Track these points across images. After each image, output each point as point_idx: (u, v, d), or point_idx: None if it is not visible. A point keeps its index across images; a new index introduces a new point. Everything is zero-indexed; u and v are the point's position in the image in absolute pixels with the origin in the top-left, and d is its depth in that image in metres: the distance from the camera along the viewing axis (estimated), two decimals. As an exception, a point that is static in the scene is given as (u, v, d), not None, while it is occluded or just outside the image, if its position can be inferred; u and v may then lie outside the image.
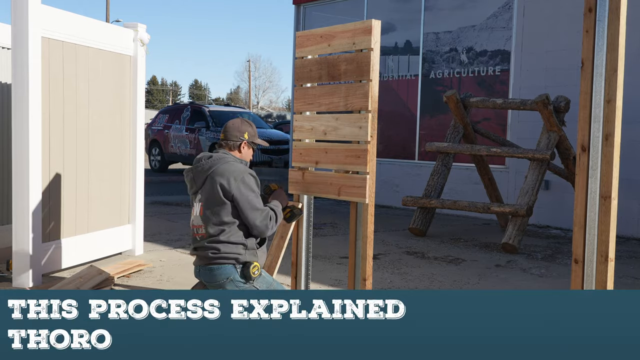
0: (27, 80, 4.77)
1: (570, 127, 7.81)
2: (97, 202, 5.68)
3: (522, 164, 8.80)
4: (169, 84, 78.74)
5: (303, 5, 12.09)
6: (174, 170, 17.95)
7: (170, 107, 19.14)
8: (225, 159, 3.80)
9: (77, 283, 4.77)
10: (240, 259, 3.71)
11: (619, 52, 2.67)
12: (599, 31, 2.71)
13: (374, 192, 3.81)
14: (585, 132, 2.73)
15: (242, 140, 3.91)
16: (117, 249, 6.02)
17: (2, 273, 5.15)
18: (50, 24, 5.03)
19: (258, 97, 67.30)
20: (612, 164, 2.64)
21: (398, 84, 10.85)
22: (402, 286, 5.19)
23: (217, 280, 3.71)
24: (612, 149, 2.63)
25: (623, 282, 5.46)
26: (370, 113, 3.76)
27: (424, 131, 10.45)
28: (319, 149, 4.13)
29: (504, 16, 9.43)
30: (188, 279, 5.18)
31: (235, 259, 3.70)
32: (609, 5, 2.68)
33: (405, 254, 6.61)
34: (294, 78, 7.37)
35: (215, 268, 3.70)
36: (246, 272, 3.69)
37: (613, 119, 2.65)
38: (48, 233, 5.13)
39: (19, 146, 4.83)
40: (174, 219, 8.57)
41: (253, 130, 3.99)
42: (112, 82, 5.84)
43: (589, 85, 2.73)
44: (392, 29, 10.92)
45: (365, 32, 3.77)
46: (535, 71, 8.96)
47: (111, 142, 5.86)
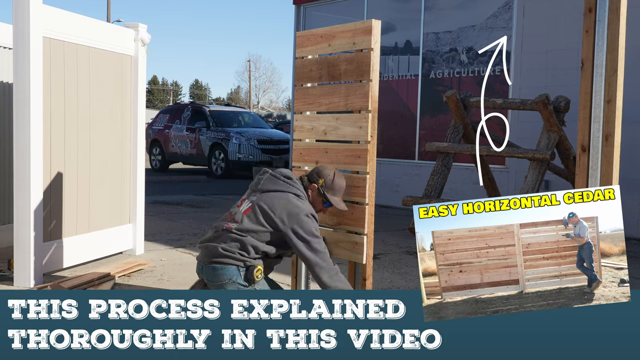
0: (28, 80, 4.78)
1: (570, 127, 7.81)
2: (98, 202, 5.68)
3: (522, 164, 8.80)
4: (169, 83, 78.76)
5: (303, 5, 12.09)
6: (175, 170, 17.96)
7: (170, 107, 19.14)
8: (298, 191, 3.71)
9: (77, 282, 4.78)
10: (247, 263, 3.67)
11: (619, 52, 2.67)
12: (599, 31, 2.71)
13: (374, 192, 3.81)
14: (585, 132, 2.73)
15: (312, 184, 3.78)
16: (118, 249, 6.03)
17: (3, 272, 5.16)
18: (52, 23, 5.03)
19: (258, 97, 67.31)
20: (612, 164, 2.64)
21: (398, 84, 10.86)
22: (403, 286, 5.20)
23: (219, 280, 3.70)
24: (612, 149, 2.63)
25: (623, 282, 5.47)
26: (370, 113, 3.76)
27: (424, 131, 10.45)
28: (319, 149, 4.13)
29: (504, 16, 9.43)
30: (188, 278, 5.18)
31: (242, 261, 3.66)
32: (609, 5, 2.68)
33: (406, 253, 6.62)
34: (294, 78, 7.38)
35: (219, 267, 3.67)
36: (250, 275, 3.66)
37: (613, 119, 2.65)
38: (49, 232, 5.13)
39: (20, 145, 4.83)
40: (174, 219, 8.57)
41: (333, 183, 3.75)
42: (113, 82, 5.85)
43: (589, 85, 2.73)
44: (392, 29, 10.92)
45: (366, 32, 3.77)
46: (535, 71, 8.97)
47: (112, 142, 5.86)
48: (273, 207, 3.63)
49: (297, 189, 3.74)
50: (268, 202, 3.66)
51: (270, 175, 3.79)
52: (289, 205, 3.64)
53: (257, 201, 3.70)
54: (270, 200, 3.67)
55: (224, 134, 15.97)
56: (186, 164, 17.65)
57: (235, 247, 3.65)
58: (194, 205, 10.13)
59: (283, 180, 3.75)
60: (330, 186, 3.76)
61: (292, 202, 3.65)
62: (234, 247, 3.65)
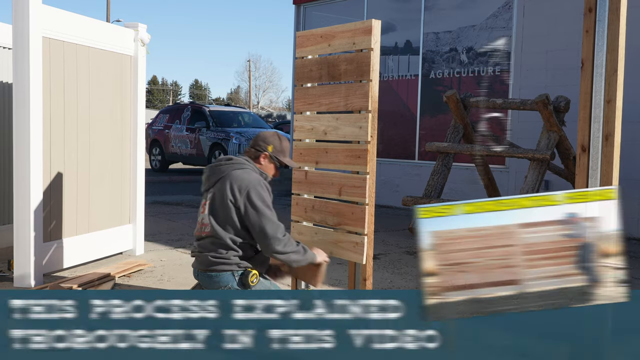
0: (28, 80, 4.78)
1: (570, 127, 7.81)
2: (97, 202, 5.68)
3: (522, 164, 8.81)
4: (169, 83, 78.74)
5: (303, 5, 12.09)
6: (175, 170, 17.95)
7: (170, 107, 19.13)
8: (242, 165, 3.71)
9: (77, 282, 4.78)
10: (240, 265, 3.67)
11: (619, 52, 2.67)
12: (599, 31, 2.71)
13: (374, 192, 3.81)
14: (585, 132, 2.73)
15: (263, 152, 3.80)
16: (118, 249, 6.03)
17: (4, 273, 5.16)
18: (51, 24, 5.03)
19: (258, 97, 67.30)
20: (612, 164, 2.64)
21: (398, 84, 10.85)
22: (403, 286, 5.20)
23: (215, 287, 3.69)
24: (612, 149, 2.63)
25: (623, 282, 5.47)
26: (370, 113, 3.76)
27: (424, 131, 10.45)
28: (319, 149, 4.13)
29: (504, 16, 9.43)
30: (188, 278, 5.18)
31: (236, 264, 3.65)
32: (609, 5, 2.68)
33: (406, 254, 6.62)
34: (294, 78, 7.38)
35: (214, 275, 3.67)
36: (245, 280, 3.65)
37: (613, 119, 2.65)
38: (49, 233, 5.13)
39: (20, 146, 4.83)
40: (174, 219, 8.57)
41: (281, 146, 3.82)
42: (112, 82, 5.85)
43: (589, 85, 2.73)
44: (392, 29, 10.92)
45: (365, 32, 3.77)
46: (535, 71, 8.97)
47: (112, 142, 5.86)
48: (225, 190, 3.62)
49: (239, 163, 3.72)
50: (221, 188, 3.64)
51: (211, 168, 3.76)
52: (236, 180, 3.61)
53: (212, 195, 3.69)
54: (221, 185, 3.65)
55: (223, 134, 15.97)
56: (186, 164, 17.64)
57: (222, 250, 3.64)
58: (194, 205, 10.13)
59: (223, 163, 3.73)
60: (280, 149, 3.80)
61: (238, 176, 3.63)
62: (221, 251, 3.63)
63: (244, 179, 3.63)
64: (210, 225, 3.66)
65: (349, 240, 3.90)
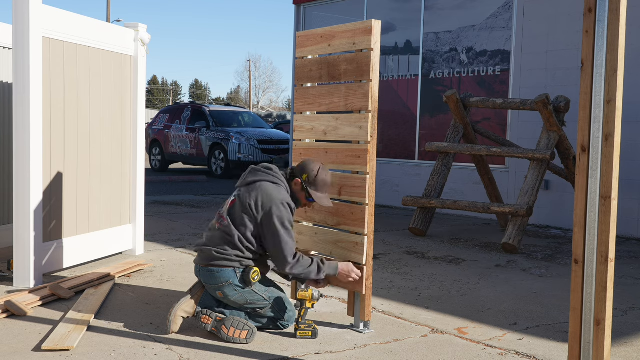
0: (28, 80, 4.78)
1: (570, 127, 7.82)
2: (97, 202, 5.68)
3: (522, 164, 8.81)
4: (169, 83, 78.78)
5: (303, 5, 12.09)
6: (175, 170, 17.95)
7: (170, 107, 19.14)
8: (277, 179, 3.76)
9: (77, 282, 4.78)
10: (243, 263, 3.70)
11: (619, 52, 2.66)
12: (599, 31, 2.71)
13: (374, 192, 3.82)
14: (585, 132, 2.73)
15: (296, 178, 3.82)
16: (118, 249, 6.03)
17: (3, 273, 5.16)
18: (51, 23, 5.03)
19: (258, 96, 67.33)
20: (612, 164, 2.63)
21: (398, 84, 10.86)
22: (403, 286, 5.20)
23: (216, 282, 3.71)
24: (612, 149, 2.63)
25: (623, 282, 5.46)
26: (370, 113, 3.76)
27: (424, 131, 10.45)
28: (319, 149, 4.13)
29: (504, 16, 9.43)
30: (188, 279, 5.18)
31: (239, 261, 3.69)
32: (609, 6, 2.68)
33: (406, 254, 6.62)
34: (294, 78, 7.38)
35: (215, 270, 3.69)
36: (246, 277, 3.67)
37: (613, 119, 2.65)
38: (49, 232, 5.13)
39: (20, 145, 4.83)
40: (174, 219, 8.57)
41: (316, 179, 3.76)
42: (112, 82, 5.85)
43: (589, 86, 2.73)
44: (392, 28, 10.93)
45: (366, 32, 3.77)
46: (535, 71, 8.97)
47: (112, 142, 5.86)
48: (250, 196, 3.69)
49: (274, 177, 3.77)
50: (247, 193, 3.72)
51: (252, 168, 3.86)
52: (263, 192, 3.68)
53: (238, 194, 3.77)
54: (249, 190, 3.73)
55: (223, 134, 15.97)
56: (186, 164, 17.66)
57: (228, 247, 3.68)
58: (193, 206, 10.13)
59: (262, 170, 3.81)
60: (313, 182, 3.79)
61: (267, 189, 3.69)
62: (227, 248, 3.68)
63: (270, 194, 3.67)
64: (227, 220, 3.72)
65: (349, 240, 3.90)
